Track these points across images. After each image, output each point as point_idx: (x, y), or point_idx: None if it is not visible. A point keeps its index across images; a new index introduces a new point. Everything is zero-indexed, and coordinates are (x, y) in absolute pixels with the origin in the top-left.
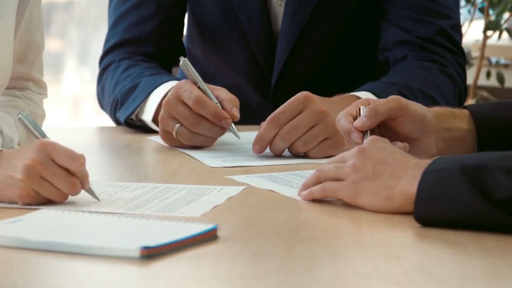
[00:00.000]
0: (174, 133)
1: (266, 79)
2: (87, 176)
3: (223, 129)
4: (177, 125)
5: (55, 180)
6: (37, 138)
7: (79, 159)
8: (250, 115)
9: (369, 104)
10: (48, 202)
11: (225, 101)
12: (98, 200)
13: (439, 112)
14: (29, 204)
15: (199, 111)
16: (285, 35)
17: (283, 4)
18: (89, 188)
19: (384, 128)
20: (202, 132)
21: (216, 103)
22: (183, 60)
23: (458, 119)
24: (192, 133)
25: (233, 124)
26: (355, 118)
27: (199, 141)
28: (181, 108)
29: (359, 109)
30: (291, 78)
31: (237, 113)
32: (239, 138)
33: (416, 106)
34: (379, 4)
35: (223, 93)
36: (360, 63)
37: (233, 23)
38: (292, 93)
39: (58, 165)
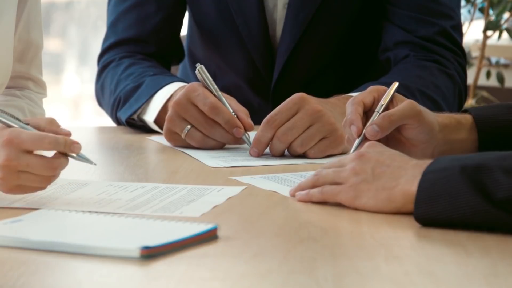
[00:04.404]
0: (183, 135)
1: (264, 81)
2: (70, 142)
3: (236, 139)
4: (187, 126)
5: (31, 169)
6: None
7: (46, 138)
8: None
9: (382, 92)
10: (39, 188)
11: (240, 111)
12: (95, 164)
13: (445, 123)
14: (20, 193)
15: (214, 117)
16: (286, 36)
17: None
18: (79, 155)
19: None
20: (215, 137)
21: (232, 112)
22: (199, 68)
23: (462, 129)
24: (205, 136)
25: (247, 134)
26: (367, 106)
27: (209, 145)
28: (193, 110)
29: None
30: (291, 79)
31: (252, 123)
32: None
33: (428, 115)
34: (381, 5)
35: (234, 102)
36: (361, 63)
37: (231, 26)
38: (292, 94)
39: (31, 153)
